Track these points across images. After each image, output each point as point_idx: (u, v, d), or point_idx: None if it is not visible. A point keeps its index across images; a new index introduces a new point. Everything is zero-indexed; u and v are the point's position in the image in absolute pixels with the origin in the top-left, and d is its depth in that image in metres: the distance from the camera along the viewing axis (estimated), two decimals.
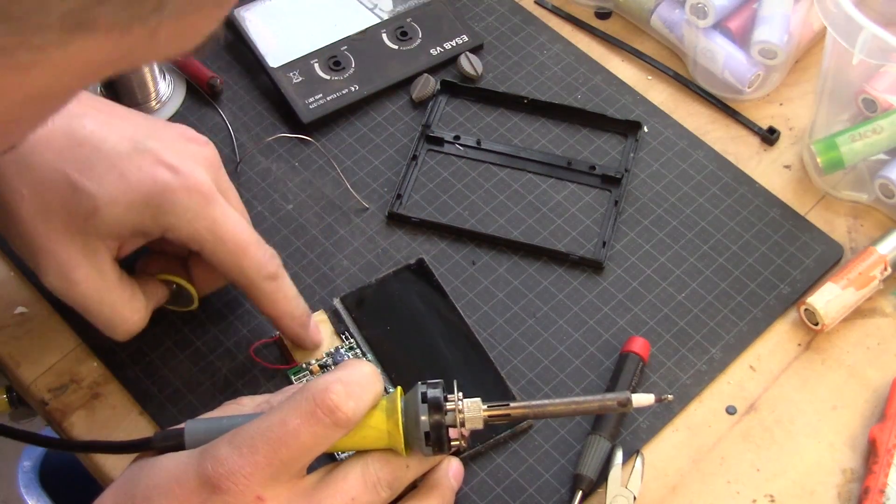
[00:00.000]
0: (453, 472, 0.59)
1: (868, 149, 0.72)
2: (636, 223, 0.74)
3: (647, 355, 0.67)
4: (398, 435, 0.55)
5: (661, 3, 0.81)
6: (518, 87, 0.80)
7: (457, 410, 0.55)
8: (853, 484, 0.64)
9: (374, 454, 0.56)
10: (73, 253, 0.59)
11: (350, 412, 0.53)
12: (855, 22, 0.65)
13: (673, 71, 0.82)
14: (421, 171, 0.76)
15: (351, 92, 0.79)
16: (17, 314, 0.70)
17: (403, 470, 0.56)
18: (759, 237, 0.73)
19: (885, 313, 0.71)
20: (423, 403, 0.55)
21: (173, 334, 0.69)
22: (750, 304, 0.70)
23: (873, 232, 0.74)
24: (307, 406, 0.52)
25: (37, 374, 0.68)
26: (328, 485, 0.54)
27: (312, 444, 0.53)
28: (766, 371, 0.68)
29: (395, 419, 0.55)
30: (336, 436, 0.53)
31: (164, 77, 0.79)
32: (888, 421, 0.65)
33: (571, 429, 0.66)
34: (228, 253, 0.61)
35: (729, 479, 0.64)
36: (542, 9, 0.85)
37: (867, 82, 0.72)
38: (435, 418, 0.55)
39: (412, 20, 0.82)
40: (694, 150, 0.77)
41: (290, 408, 0.53)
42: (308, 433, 0.52)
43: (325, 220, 0.74)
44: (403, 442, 0.55)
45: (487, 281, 0.71)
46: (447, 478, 0.58)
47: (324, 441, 0.53)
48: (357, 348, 0.68)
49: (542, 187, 0.75)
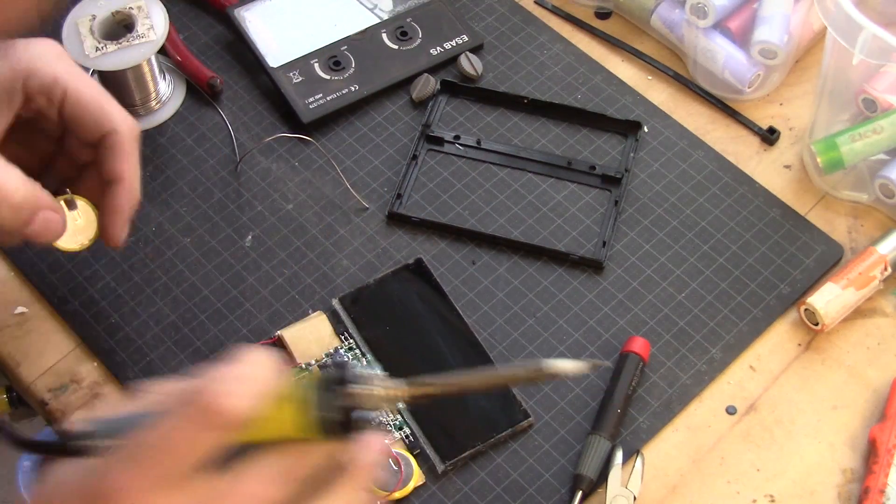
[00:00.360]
0: (374, 448, 0.55)
1: (868, 149, 0.72)
2: (636, 223, 0.74)
3: (647, 355, 0.67)
4: (303, 422, 0.52)
5: (661, 3, 0.81)
6: (518, 87, 0.80)
7: (366, 391, 0.52)
8: (853, 484, 0.64)
9: (281, 445, 0.53)
10: None
11: (234, 412, 0.49)
12: (855, 22, 0.65)
13: (673, 71, 0.82)
14: (421, 170, 0.76)
15: (351, 92, 0.79)
16: (17, 314, 0.70)
17: (313, 457, 0.53)
18: (759, 237, 0.73)
19: (885, 313, 0.71)
20: (327, 386, 0.52)
21: (173, 334, 0.69)
22: (750, 304, 0.70)
23: (873, 232, 0.74)
24: (189, 410, 0.49)
25: (37, 374, 0.68)
26: (230, 484, 0.51)
27: (198, 448, 0.49)
28: (766, 371, 0.68)
29: (299, 406, 0.52)
30: (225, 436, 0.50)
31: (164, 77, 0.79)
32: (888, 421, 0.65)
33: (571, 429, 0.66)
34: (94, 97, 0.61)
35: (729, 479, 0.64)
36: (542, 9, 0.85)
37: (867, 82, 0.72)
38: (340, 401, 0.52)
39: (412, 20, 0.82)
40: (694, 150, 0.77)
41: (173, 412, 0.49)
42: (190, 439, 0.49)
43: (325, 219, 0.74)
44: (310, 429, 0.52)
45: (487, 281, 0.71)
46: (367, 454, 0.55)
47: (210, 443, 0.50)
48: (356, 348, 0.68)
49: (542, 187, 0.75)
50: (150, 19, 0.73)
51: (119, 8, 0.74)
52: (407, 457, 0.64)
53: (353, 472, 0.55)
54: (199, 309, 0.70)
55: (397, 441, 0.65)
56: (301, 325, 0.69)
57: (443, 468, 0.64)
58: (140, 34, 0.73)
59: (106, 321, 0.69)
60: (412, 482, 0.63)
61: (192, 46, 0.81)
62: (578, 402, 0.67)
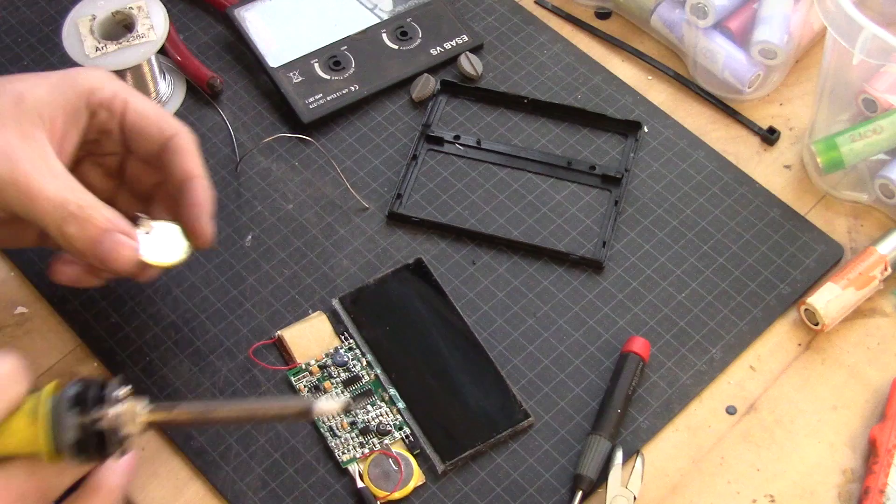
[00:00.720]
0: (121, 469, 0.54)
1: (868, 149, 0.72)
2: (636, 223, 0.74)
3: (648, 355, 0.67)
4: (43, 440, 0.49)
5: (661, 3, 0.81)
6: (518, 87, 0.80)
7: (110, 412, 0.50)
8: (853, 484, 0.64)
9: (18, 463, 0.51)
10: (9, 138, 0.57)
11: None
12: (855, 22, 0.65)
13: (673, 71, 0.82)
14: (421, 170, 0.76)
15: (351, 92, 0.79)
16: (17, 314, 0.70)
17: (54, 478, 0.51)
18: (759, 237, 0.73)
19: (885, 313, 0.71)
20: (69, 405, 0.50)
21: (173, 334, 0.69)
22: (750, 304, 0.70)
23: (873, 232, 0.74)
24: None
25: (37, 374, 0.68)
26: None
27: None
28: (766, 371, 0.68)
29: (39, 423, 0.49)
30: None
31: (164, 77, 0.79)
32: (888, 421, 0.65)
33: (571, 429, 0.66)
34: (152, 106, 0.63)
35: (729, 479, 0.64)
36: (542, 9, 0.85)
37: (867, 82, 0.72)
38: (82, 420, 0.49)
39: (412, 20, 0.82)
40: (694, 150, 0.77)
41: None
42: None
43: (325, 219, 0.74)
44: (51, 448, 0.50)
45: (487, 281, 0.71)
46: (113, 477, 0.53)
47: None
48: (356, 348, 0.68)
49: (542, 187, 0.75)
50: (150, 19, 0.73)
51: (119, 8, 0.74)
52: (407, 457, 0.64)
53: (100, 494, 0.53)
54: (199, 309, 0.70)
55: (397, 441, 0.65)
56: (301, 325, 0.69)
57: (443, 468, 0.64)
58: (140, 34, 0.73)
59: (106, 321, 0.69)
60: (412, 482, 0.63)
61: (192, 46, 0.81)
62: (578, 402, 0.67)
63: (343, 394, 0.66)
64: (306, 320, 0.69)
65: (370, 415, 0.66)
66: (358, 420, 0.65)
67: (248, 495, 0.63)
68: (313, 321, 0.69)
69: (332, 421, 0.65)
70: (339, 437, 0.65)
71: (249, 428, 0.65)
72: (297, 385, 0.66)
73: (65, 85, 0.61)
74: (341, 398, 0.50)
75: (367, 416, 0.65)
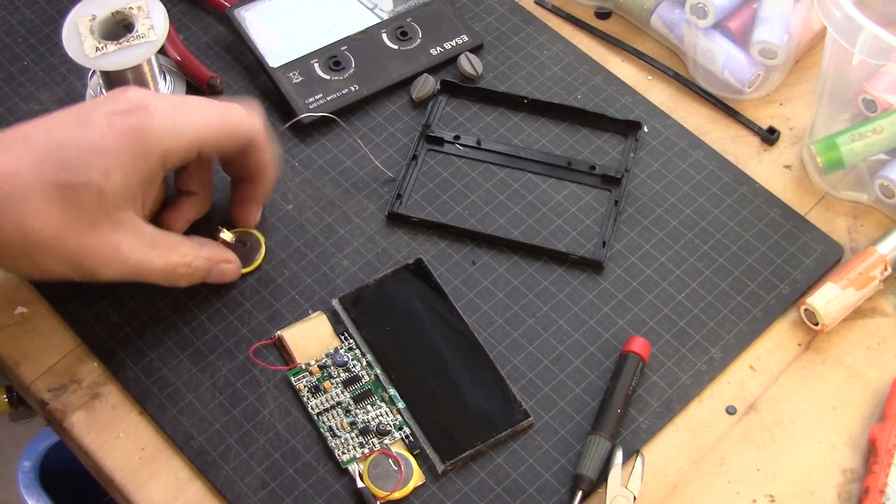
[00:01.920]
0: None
1: (868, 149, 0.72)
2: (636, 223, 0.74)
3: (647, 355, 0.67)
4: None
5: (661, 3, 0.81)
6: (518, 87, 0.80)
7: None
8: (853, 484, 0.64)
9: None
10: (108, 239, 0.62)
11: None
12: (855, 22, 0.65)
13: (673, 71, 0.82)
14: (421, 170, 0.76)
15: (351, 92, 0.79)
16: (17, 314, 0.70)
17: None
18: (759, 237, 0.73)
19: (885, 313, 0.71)
20: None
21: (173, 334, 0.69)
22: (750, 304, 0.70)
23: (873, 232, 0.74)
24: None
25: (37, 374, 0.68)
26: None
27: None
28: (766, 371, 0.68)
29: None
30: None
31: (164, 77, 0.79)
32: (888, 421, 0.65)
33: (571, 429, 0.66)
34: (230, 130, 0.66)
35: (729, 479, 0.64)
36: (542, 9, 0.86)
37: (867, 82, 0.72)
38: None
39: (412, 20, 0.82)
40: (694, 150, 0.77)
41: None
42: None
43: (325, 220, 0.74)
44: None
45: (487, 281, 0.71)
46: None
47: None
48: (356, 348, 0.68)
49: (542, 187, 0.75)
50: (150, 19, 0.73)
51: (119, 8, 0.74)
52: (407, 457, 0.64)
53: None
54: (199, 309, 0.70)
55: (397, 441, 0.65)
56: (301, 326, 0.69)
57: (443, 468, 0.64)
58: (140, 34, 0.73)
59: (106, 321, 0.69)
60: (412, 482, 0.63)
61: (192, 46, 0.81)
62: (578, 402, 0.67)
63: (343, 394, 0.66)
64: (306, 320, 0.69)
65: (370, 415, 0.66)
66: (358, 420, 0.65)
67: (248, 495, 0.63)
68: (313, 321, 0.69)
69: (333, 421, 0.65)
70: (339, 437, 0.65)
71: (249, 428, 0.65)
72: (297, 385, 0.66)
73: (138, 164, 0.62)
74: None
75: (367, 416, 0.65)
